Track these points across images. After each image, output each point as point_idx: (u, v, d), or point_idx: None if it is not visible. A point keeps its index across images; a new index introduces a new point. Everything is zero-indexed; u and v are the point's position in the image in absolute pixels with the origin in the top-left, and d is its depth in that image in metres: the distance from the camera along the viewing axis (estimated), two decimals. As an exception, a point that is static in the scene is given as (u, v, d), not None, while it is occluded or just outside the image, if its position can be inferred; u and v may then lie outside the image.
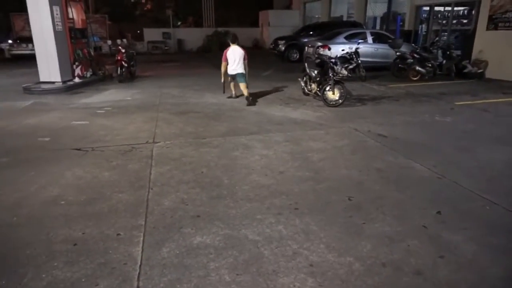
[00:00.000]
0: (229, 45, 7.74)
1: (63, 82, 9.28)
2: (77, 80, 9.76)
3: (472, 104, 7.49)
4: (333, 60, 7.51)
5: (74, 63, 9.83)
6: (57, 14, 8.99)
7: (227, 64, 7.69)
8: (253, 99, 7.76)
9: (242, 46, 7.89)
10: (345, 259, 2.56)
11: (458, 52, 11.59)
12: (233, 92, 8.21)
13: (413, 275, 2.40)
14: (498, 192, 3.58)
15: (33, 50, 9.36)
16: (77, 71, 9.91)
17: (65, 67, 9.44)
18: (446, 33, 13.40)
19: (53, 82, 9.17)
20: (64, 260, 2.57)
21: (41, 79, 9.27)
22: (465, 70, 10.54)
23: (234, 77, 7.85)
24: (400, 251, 2.65)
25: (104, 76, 10.98)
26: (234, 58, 7.58)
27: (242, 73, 7.68)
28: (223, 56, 7.72)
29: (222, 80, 8.18)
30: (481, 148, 4.88)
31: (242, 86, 7.69)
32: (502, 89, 8.95)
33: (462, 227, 2.96)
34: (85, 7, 11.12)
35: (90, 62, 10.68)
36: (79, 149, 4.87)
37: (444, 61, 10.38)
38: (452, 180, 3.86)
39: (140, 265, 2.51)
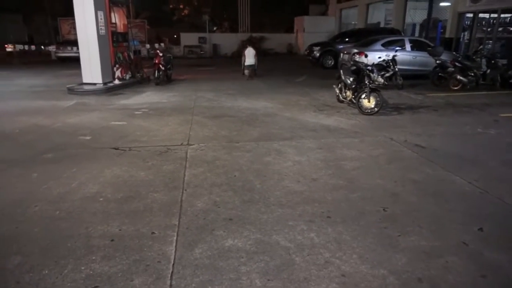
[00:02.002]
0: (247, 46, 13.10)
1: (104, 83, 9.71)
2: (116, 82, 10.18)
3: (519, 116, 7.10)
4: (369, 68, 7.38)
5: (115, 66, 10.26)
6: (101, 19, 9.45)
7: (245, 58, 12.71)
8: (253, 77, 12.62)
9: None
10: (378, 272, 2.49)
11: (504, 61, 11.03)
12: (246, 75, 12.84)
13: (452, 293, 2.29)
14: (547, 210, 3.36)
15: (77, 52, 9.89)
16: (117, 73, 10.34)
17: (106, 69, 9.87)
18: (491, 41, 12.81)
19: (95, 84, 9.61)
20: (101, 254, 2.67)
21: (84, 80, 9.76)
22: None
23: (249, 67, 12.72)
24: (437, 267, 2.54)
25: (142, 78, 11.38)
26: (249, 55, 12.62)
27: (253, 64, 12.74)
28: (243, 52, 13.07)
29: (242, 67, 12.95)
30: (528, 163, 4.61)
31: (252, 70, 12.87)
32: (552, 101, 8.42)
33: (507, 246, 2.79)
34: (127, 12, 11.57)
35: (130, 65, 11.10)
36: (117, 149, 5.06)
37: (488, 71, 9.89)
38: (496, 195, 3.66)
39: (173, 264, 2.56)
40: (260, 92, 9.86)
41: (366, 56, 8.53)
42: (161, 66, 10.82)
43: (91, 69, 9.55)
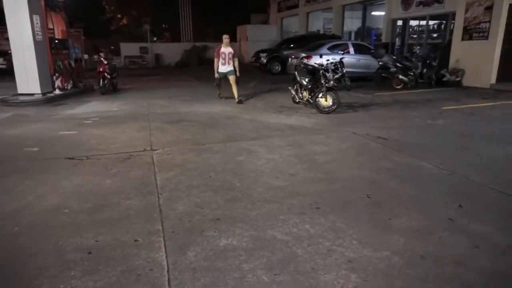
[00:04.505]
0: (221, 45, 8.76)
1: (43, 93, 8.88)
2: (57, 92, 9.37)
3: (458, 108, 7.74)
4: (324, 68, 7.59)
5: (54, 75, 9.44)
6: (37, 23, 8.66)
7: (218, 62, 8.77)
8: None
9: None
10: (382, 254, 2.47)
11: (434, 63, 12.05)
12: (218, 92, 9.37)
13: (455, 266, 2.33)
14: (508, 184, 3.62)
15: (3, 64, 8.96)
16: (57, 82, 9.52)
17: (45, 78, 9.04)
18: (421, 45, 13.94)
19: (32, 94, 8.76)
20: (81, 269, 2.33)
21: (19, 91, 8.84)
22: (444, 79, 10.96)
23: (223, 76, 8.88)
24: (434, 243, 2.59)
25: (85, 88, 10.61)
26: (224, 57, 8.66)
27: (230, 71, 8.75)
28: (215, 53, 8.79)
29: (215, 77, 9.06)
30: (478, 146, 4.99)
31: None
32: (482, 95, 9.33)
33: (487, 218, 2.95)
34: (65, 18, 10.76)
35: (71, 74, 10.30)
36: (72, 158, 4.59)
37: (425, 70, 10.74)
38: (462, 175, 3.89)
39: (168, 270, 2.31)
40: (214, 97, 9.67)
41: (321, 56, 8.81)
42: (106, 74, 10.19)
43: (28, 79, 8.66)
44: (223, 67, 8.69)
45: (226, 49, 8.60)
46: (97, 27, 27.57)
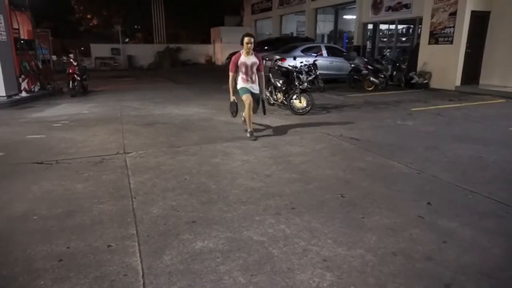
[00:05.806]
0: (241, 50, 5.71)
1: (8, 96, 8.52)
2: (24, 94, 9.03)
3: (426, 110, 8.03)
4: (298, 70, 7.69)
5: (20, 76, 9.07)
6: (0, 23, 8.29)
7: (236, 77, 5.89)
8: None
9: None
10: (355, 252, 2.53)
11: (403, 66, 12.47)
12: (243, 122, 6.12)
13: (424, 261, 2.42)
14: (473, 182, 3.80)
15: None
16: (24, 84, 9.16)
17: (10, 80, 8.68)
18: (391, 48, 14.40)
19: (-4, 97, 8.38)
20: (51, 277, 2.26)
21: (-18, 94, 8.43)
22: (413, 81, 11.34)
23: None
24: (405, 240, 2.68)
25: (53, 90, 10.25)
26: (247, 70, 5.72)
27: (257, 94, 5.92)
28: (231, 65, 5.76)
29: (231, 105, 5.91)
30: (446, 146, 5.20)
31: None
32: (448, 97, 9.73)
33: (454, 215, 3.08)
34: (31, 17, 10.36)
35: (38, 76, 9.92)
36: (41, 163, 4.43)
37: (395, 73, 11.09)
38: (431, 174, 4.04)
39: (142, 275, 2.27)
40: (189, 100, 9.61)
41: (295, 58, 8.93)
42: (76, 76, 9.89)
43: (-9, 81, 8.29)
44: (246, 84, 5.72)
45: (248, 59, 5.59)
46: (66, 28, 26.70)
